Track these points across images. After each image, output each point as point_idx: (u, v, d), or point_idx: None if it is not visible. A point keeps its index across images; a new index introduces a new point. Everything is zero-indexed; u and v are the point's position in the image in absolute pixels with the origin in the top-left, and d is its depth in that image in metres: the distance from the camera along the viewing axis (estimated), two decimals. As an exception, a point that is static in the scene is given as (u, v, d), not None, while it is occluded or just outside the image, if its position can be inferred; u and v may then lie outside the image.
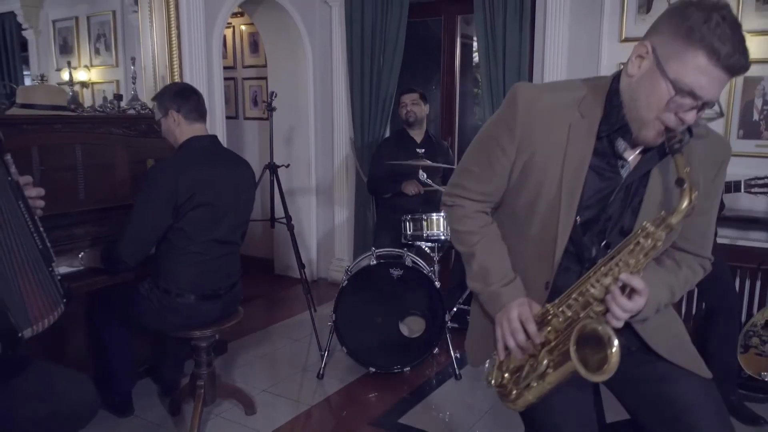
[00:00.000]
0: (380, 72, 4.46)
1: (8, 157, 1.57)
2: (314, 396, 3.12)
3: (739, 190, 2.77)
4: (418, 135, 4.06)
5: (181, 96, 2.56)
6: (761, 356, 3.14)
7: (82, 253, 2.56)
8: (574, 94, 1.45)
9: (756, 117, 3.51)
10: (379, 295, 3.25)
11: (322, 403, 3.06)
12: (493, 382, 1.54)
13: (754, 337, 3.17)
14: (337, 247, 4.99)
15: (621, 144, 1.43)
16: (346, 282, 3.24)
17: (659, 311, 1.49)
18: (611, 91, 1.42)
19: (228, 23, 5.51)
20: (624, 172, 1.45)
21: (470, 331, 1.73)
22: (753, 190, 2.76)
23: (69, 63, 5.54)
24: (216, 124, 4.05)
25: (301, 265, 3.92)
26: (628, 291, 1.35)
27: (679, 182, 1.30)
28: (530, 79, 4.06)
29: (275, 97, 3.67)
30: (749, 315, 3.42)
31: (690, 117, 1.30)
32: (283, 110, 4.94)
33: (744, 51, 1.25)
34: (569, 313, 1.42)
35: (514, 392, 1.48)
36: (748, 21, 3.44)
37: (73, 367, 2.86)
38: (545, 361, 1.42)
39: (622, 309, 1.34)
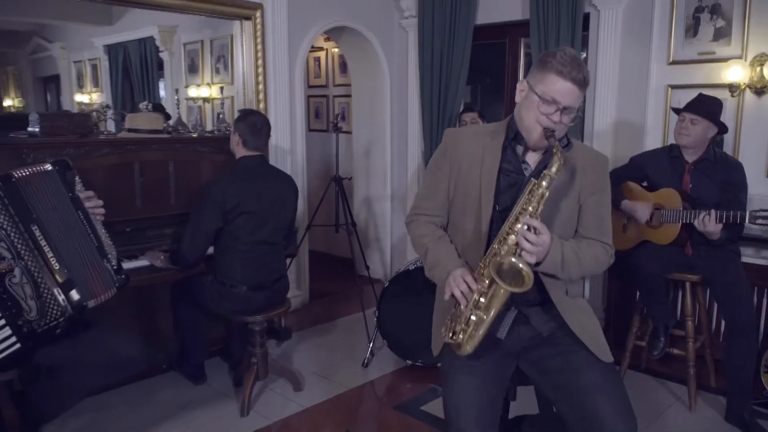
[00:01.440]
0: (447, 91, 4.84)
1: (76, 178, 2.19)
2: (355, 380, 3.59)
3: (744, 221, 2.87)
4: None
5: (251, 130, 3.10)
6: (783, 377, 3.19)
7: (163, 256, 3.17)
8: (488, 128, 2.04)
9: (799, 140, 3.51)
10: (416, 296, 3.64)
11: (360, 387, 3.53)
12: (446, 337, 1.87)
13: (777, 357, 3.22)
14: (409, 250, 5.41)
15: (519, 149, 1.95)
16: (387, 283, 3.68)
17: (564, 268, 1.84)
18: (511, 119, 1.94)
19: (321, 47, 6.15)
20: (527, 173, 1.94)
21: (433, 328, 2.10)
22: (758, 222, 2.84)
23: (176, 91, 6.37)
24: (297, 139, 4.66)
25: (366, 266, 4.44)
26: (534, 230, 1.75)
27: (550, 150, 1.84)
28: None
29: (339, 118, 4.19)
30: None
31: (556, 117, 1.82)
32: (364, 125, 5.49)
33: (581, 69, 1.81)
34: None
35: (461, 335, 1.80)
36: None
37: (161, 341, 3.56)
38: (476, 295, 1.79)
39: (529, 242, 1.74)
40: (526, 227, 1.76)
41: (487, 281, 1.79)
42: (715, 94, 3.69)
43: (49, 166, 2.13)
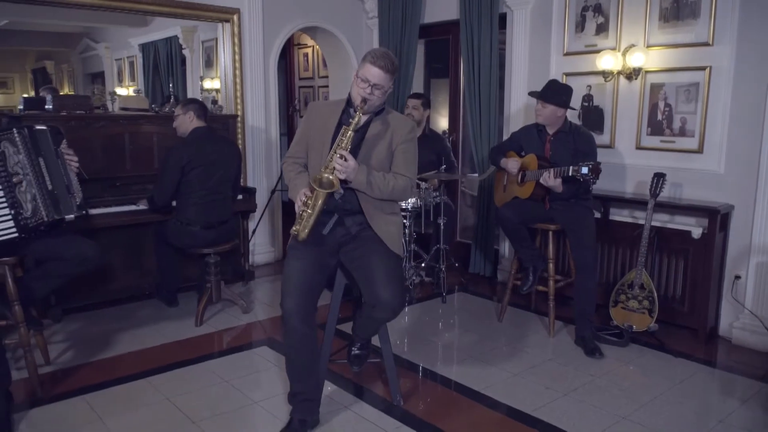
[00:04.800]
0: (398, 81, 5.68)
1: (63, 138, 3.17)
2: (293, 309, 4.49)
3: (568, 174, 3.62)
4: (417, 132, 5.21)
5: (194, 105, 4.12)
6: (625, 309, 3.92)
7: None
8: (336, 101, 2.87)
9: (660, 117, 4.20)
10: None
11: (295, 313, 4.42)
12: (294, 231, 2.75)
13: (622, 294, 3.95)
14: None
15: (352, 112, 2.72)
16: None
17: (370, 187, 2.67)
18: (349, 94, 2.76)
19: (308, 44, 7.07)
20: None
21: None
22: (578, 174, 3.59)
23: (173, 82, 7.36)
24: (271, 120, 5.59)
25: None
26: (343, 158, 2.58)
27: (350, 120, 2.62)
28: (500, 86, 5.05)
29: (298, 103, 5.09)
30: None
31: (369, 90, 2.62)
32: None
33: (385, 60, 2.60)
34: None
35: (298, 226, 2.67)
36: (653, 37, 4.16)
37: (145, 273, 4.55)
38: (305, 198, 2.66)
39: (339, 165, 2.57)
40: (338, 156, 2.61)
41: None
42: (596, 80, 4.46)
43: (44, 126, 3.13)
